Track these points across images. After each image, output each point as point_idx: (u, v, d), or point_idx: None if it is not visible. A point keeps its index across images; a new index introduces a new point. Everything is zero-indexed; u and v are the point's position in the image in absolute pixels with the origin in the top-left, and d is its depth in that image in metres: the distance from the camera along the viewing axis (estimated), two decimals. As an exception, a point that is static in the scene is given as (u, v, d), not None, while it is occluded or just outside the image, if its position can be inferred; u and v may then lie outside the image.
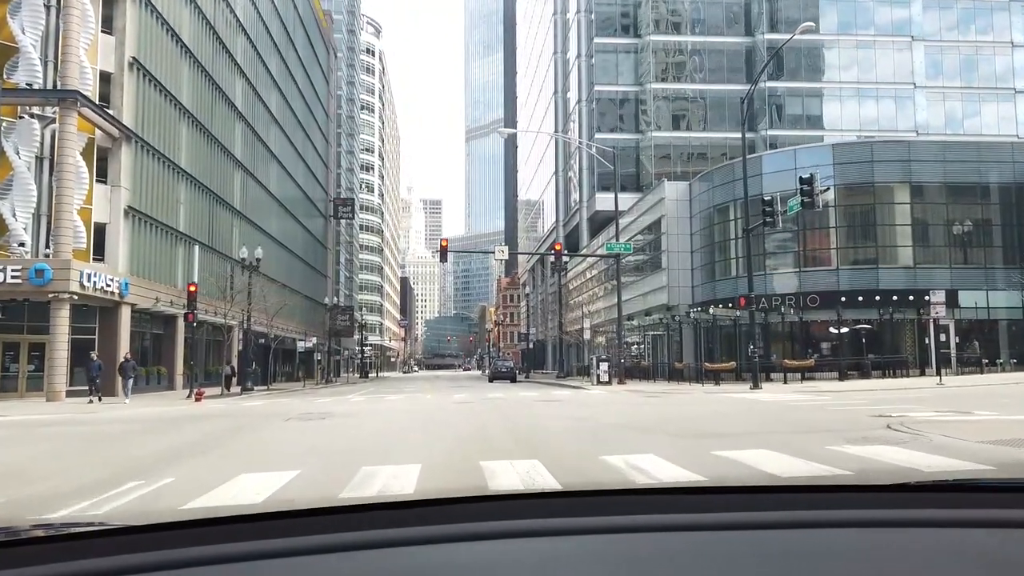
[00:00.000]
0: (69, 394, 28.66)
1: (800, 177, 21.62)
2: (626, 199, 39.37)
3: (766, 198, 24.13)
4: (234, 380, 35.94)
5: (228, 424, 13.92)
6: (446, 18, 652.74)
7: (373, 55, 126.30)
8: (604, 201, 56.43)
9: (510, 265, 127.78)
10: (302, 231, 66.92)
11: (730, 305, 34.05)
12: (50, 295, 27.59)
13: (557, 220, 72.09)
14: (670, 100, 57.15)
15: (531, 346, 75.63)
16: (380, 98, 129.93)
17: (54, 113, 28.94)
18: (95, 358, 26.12)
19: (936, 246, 33.57)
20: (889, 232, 33.66)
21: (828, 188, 23.94)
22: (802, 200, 21.23)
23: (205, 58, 41.25)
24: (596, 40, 59.24)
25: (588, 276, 61.78)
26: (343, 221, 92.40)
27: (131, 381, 26.12)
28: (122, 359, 27.90)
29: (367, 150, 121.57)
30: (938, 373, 30.14)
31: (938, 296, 25.79)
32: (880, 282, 32.83)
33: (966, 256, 33.65)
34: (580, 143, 55.72)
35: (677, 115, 57.12)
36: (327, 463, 7.88)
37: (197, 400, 26.97)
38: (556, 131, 70.10)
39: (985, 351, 32.97)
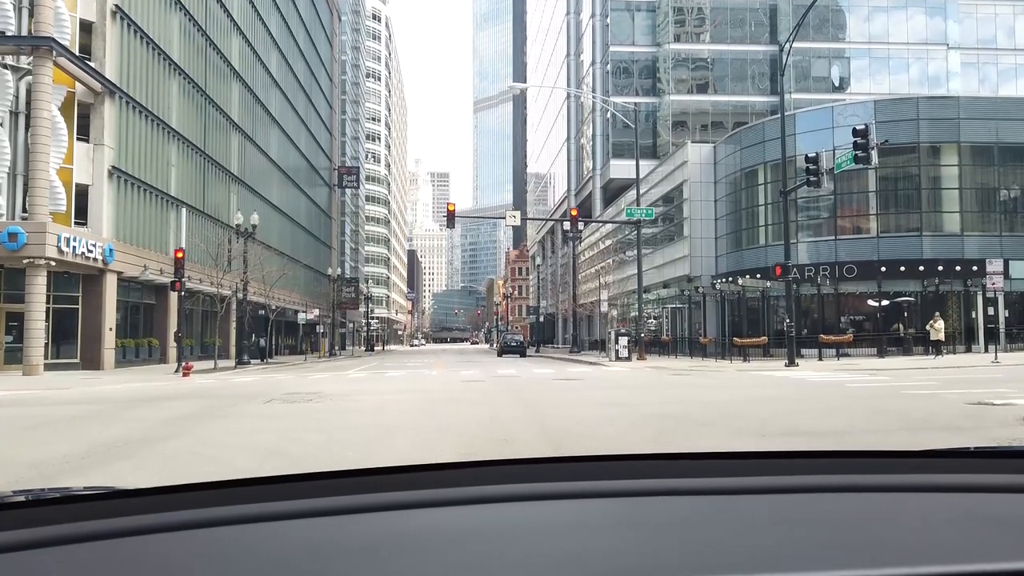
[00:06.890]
0: (49, 367, 26.70)
1: (854, 128, 19.11)
2: (642, 166, 36.73)
3: (809, 155, 21.58)
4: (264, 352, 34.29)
5: (194, 407, 11.73)
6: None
7: (379, 21, 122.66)
8: (619, 168, 53.78)
9: (519, 238, 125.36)
10: (305, 200, 64.58)
11: (758, 276, 31.63)
12: (25, 261, 25.44)
13: (569, 190, 69.43)
14: (689, 62, 54.27)
15: (541, 320, 73.39)
16: (387, 66, 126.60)
17: (29, 64, 26.60)
18: None
19: (986, 212, 30.91)
20: (934, 197, 30.97)
21: (886, 141, 21.43)
22: (856, 154, 18.78)
23: (197, 10, 38.64)
24: (612, -3, 56.27)
25: (601, 247, 59.33)
26: (348, 191, 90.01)
27: None
28: None
29: (373, 119, 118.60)
30: (987, 349, 27.91)
31: (995, 265, 23.39)
32: (924, 251, 30.25)
33: (1019, 223, 31.00)
34: (595, 98, 52.99)
35: (696, 78, 54.25)
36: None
37: (184, 375, 24.99)
38: (569, 97, 67.25)
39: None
